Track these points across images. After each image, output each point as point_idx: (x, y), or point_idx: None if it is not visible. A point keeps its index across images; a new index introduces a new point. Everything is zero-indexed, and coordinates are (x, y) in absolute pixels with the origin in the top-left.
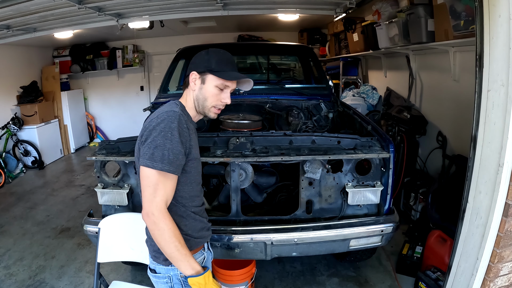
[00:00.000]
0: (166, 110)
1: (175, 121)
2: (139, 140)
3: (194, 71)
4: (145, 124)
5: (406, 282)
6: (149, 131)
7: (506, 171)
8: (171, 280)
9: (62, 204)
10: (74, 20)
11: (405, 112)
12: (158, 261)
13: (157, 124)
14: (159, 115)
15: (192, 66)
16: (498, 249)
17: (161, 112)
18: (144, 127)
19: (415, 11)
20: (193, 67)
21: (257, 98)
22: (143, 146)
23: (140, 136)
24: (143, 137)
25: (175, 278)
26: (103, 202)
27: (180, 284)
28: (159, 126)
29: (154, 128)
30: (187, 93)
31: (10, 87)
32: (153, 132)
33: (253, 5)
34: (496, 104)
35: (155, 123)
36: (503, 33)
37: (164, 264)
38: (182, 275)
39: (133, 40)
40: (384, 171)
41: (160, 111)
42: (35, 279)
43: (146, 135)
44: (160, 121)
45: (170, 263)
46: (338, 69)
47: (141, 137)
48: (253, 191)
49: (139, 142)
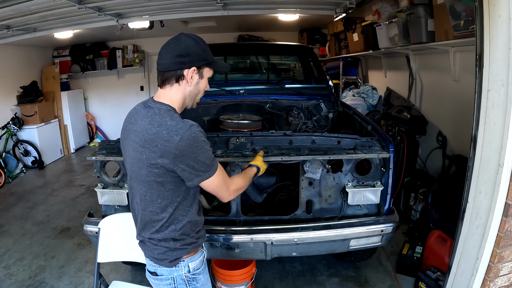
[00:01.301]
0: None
1: (201, 134)
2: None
3: (193, 66)
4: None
5: (406, 282)
6: (185, 156)
7: (506, 171)
8: (175, 281)
9: (62, 204)
10: (74, 20)
11: (405, 112)
12: (162, 263)
13: (189, 146)
14: (184, 136)
15: (187, 60)
16: (498, 249)
17: (180, 130)
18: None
19: (415, 11)
20: (189, 61)
21: (257, 98)
22: (189, 171)
23: (170, 155)
24: (173, 160)
25: (179, 278)
26: (103, 202)
27: (184, 283)
28: (194, 146)
29: (190, 151)
30: (175, 90)
31: (10, 87)
32: (191, 155)
33: (253, 5)
34: (496, 104)
35: (185, 146)
36: (503, 33)
37: (168, 266)
38: (187, 274)
39: (133, 40)
40: (384, 171)
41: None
42: (35, 279)
43: (185, 160)
44: (192, 142)
45: (175, 264)
46: (338, 69)
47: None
48: (253, 191)
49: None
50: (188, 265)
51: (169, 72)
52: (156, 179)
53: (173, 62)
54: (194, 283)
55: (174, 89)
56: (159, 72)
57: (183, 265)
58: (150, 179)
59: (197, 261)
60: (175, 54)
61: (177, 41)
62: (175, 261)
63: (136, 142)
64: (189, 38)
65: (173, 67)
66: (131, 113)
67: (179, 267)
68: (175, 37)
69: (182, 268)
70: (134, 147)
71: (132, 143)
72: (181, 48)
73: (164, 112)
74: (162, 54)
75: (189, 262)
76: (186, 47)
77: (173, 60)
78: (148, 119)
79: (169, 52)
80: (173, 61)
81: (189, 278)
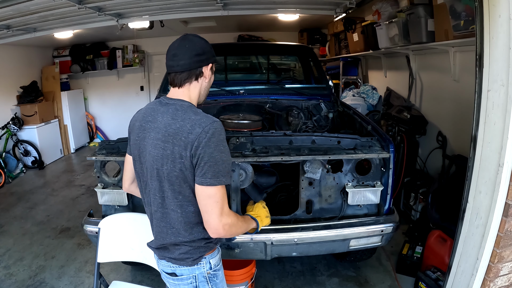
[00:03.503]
0: (208, 121)
1: (222, 131)
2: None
3: (210, 62)
4: (187, 137)
5: (406, 282)
6: (203, 147)
7: (506, 171)
8: (196, 279)
9: (62, 204)
10: (74, 20)
11: (405, 112)
12: (183, 263)
13: (208, 139)
14: (205, 128)
15: (203, 57)
16: (498, 249)
17: (203, 123)
18: (185, 141)
19: (415, 11)
20: (205, 58)
21: (257, 98)
22: (201, 163)
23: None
24: (196, 152)
25: (201, 276)
26: (103, 202)
27: (206, 281)
28: (212, 141)
29: (207, 145)
30: (193, 87)
31: (10, 87)
32: (207, 148)
33: (253, 5)
34: (496, 104)
35: (205, 138)
36: (503, 33)
37: (190, 265)
38: (209, 271)
39: (133, 40)
40: (384, 171)
41: (199, 122)
42: (35, 279)
43: (201, 152)
44: (211, 136)
45: (197, 262)
46: (338, 69)
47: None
48: (253, 191)
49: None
50: (209, 261)
51: (189, 71)
52: (180, 174)
53: (193, 61)
54: (214, 280)
55: (192, 87)
56: (177, 73)
57: (205, 262)
58: (175, 174)
59: (217, 257)
60: (194, 54)
61: (189, 41)
62: (198, 259)
63: (158, 138)
64: (198, 38)
65: (193, 66)
66: (145, 112)
67: (201, 265)
68: (183, 38)
69: (204, 265)
70: (155, 144)
71: (152, 140)
72: (197, 47)
73: (187, 108)
74: (178, 55)
75: (210, 258)
76: (201, 46)
77: (192, 59)
78: (170, 115)
79: (187, 52)
80: (192, 60)
81: (210, 275)
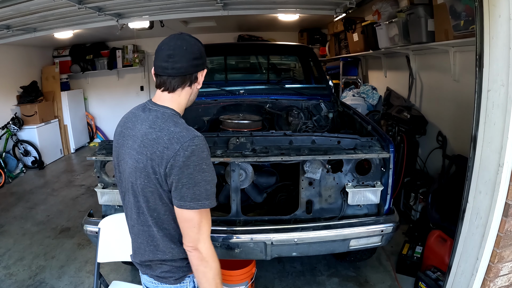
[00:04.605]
0: (188, 136)
1: (205, 148)
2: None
3: (204, 67)
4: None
5: (406, 282)
6: (180, 168)
7: (506, 171)
8: None
9: (62, 204)
10: (74, 20)
11: (405, 112)
12: (166, 281)
13: (187, 158)
14: (184, 145)
15: (200, 62)
16: (498, 249)
17: (182, 139)
18: (160, 156)
19: (415, 11)
20: (201, 63)
21: (257, 98)
22: (178, 185)
23: (164, 165)
24: (171, 172)
25: None
26: (103, 202)
27: None
28: (191, 160)
29: (185, 164)
30: (184, 93)
31: (10, 87)
32: (185, 169)
33: (253, 5)
34: (496, 104)
35: (183, 157)
36: (503, 33)
37: (173, 284)
38: None
39: (133, 40)
40: (384, 171)
41: (177, 136)
42: (35, 279)
43: (178, 173)
44: (190, 154)
45: (180, 281)
46: (338, 69)
47: (165, 167)
48: (253, 191)
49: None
50: (193, 280)
51: (184, 76)
52: (155, 190)
53: (190, 66)
54: None
55: (184, 93)
56: (170, 77)
57: (189, 281)
58: (150, 190)
59: None
60: (192, 57)
61: (186, 42)
62: (180, 278)
63: (134, 148)
64: (195, 39)
65: (190, 71)
66: (127, 117)
67: (184, 284)
68: (180, 38)
69: (187, 284)
70: (131, 153)
71: (129, 150)
72: (195, 50)
73: (168, 117)
74: (175, 57)
75: (195, 277)
76: (199, 49)
77: (190, 63)
78: (149, 122)
79: (185, 55)
80: (190, 64)
81: None
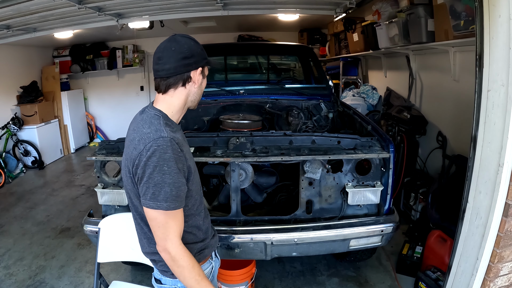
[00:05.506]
0: (152, 137)
1: (168, 150)
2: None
3: (199, 66)
4: (131, 152)
5: (406, 282)
6: (142, 167)
7: (506, 171)
8: None
9: (62, 204)
10: (74, 20)
11: (405, 112)
12: (166, 274)
13: (147, 158)
14: (147, 146)
15: (192, 61)
16: (498, 249)
17: (147, 140)
18: (130, 156)
19: (415, 11)
20: (194, 62)
21: (257, 98)
22: (140, 184)
23: (132, 165)
24: (136, 171)
25: None
26: (103, 202)
27: None
28: (151, 160)
29: (146, 164)
30: (178, 93)
31: (10, 87)
32: (146, 168)
33: (253, 5)
34: (496, 104)
35: (145, 157)
36: (503, 33)
37: (171, 277)
38: None
39: (133, 40)
40: (384, 171)
41: (144, 137)
42: (35, 279)
43: (140, 172)
44: (151, 154)
45: None
46: (338, 69)
47: (132, 166)
48: (253, 191)
49: (130, 168)
50: None
51: (175, 76)
52: (133, 189)
53: (179, 65)
54: None
55: (178, 93)
56: (162, 78)
57: None
58: (130, 188)
59: (206, 271)
60: (180, 57)
61: (176, 43)
62: None
63: (124, 150)
64: (187, 39)
65: (179, 71)
66: (131, 120)
67: None
68: (171, 40)
69: None
70: (123, 155)
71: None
72: (184, 50)
73: (149, 118)
74: (163, 59)
75: None
76: (189, 48)
77: (179, 63)
78: (135, 125)
79: (173, 55)
80: (179, 64)
81: None
